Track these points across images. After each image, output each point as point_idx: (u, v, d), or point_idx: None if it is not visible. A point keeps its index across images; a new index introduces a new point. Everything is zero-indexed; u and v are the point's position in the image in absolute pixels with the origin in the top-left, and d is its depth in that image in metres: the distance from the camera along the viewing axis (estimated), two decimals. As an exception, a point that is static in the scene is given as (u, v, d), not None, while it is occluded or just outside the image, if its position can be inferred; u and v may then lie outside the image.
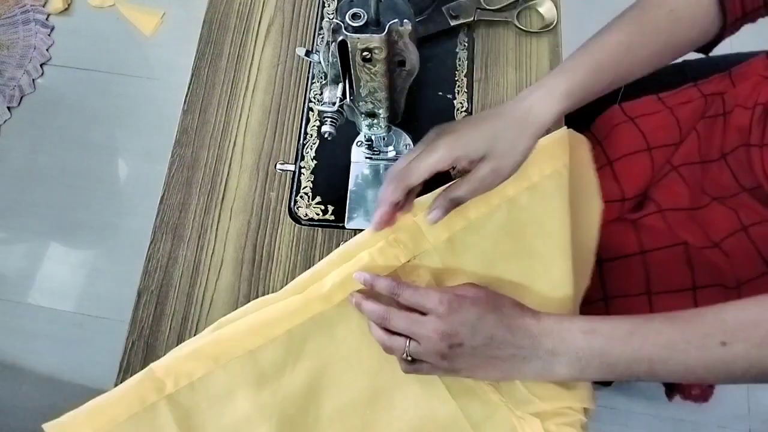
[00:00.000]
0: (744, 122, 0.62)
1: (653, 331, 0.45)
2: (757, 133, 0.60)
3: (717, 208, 0.64)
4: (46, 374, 1.37)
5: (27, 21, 1.68)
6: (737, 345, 0.43)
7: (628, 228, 0.67)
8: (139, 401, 0.52)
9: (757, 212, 0.60)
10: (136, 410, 0.52)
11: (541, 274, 0.57)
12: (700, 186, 0.66)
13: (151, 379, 0.52)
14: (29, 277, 1.47)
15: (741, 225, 0.61)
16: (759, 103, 0.61)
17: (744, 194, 0.61)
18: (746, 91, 0.64)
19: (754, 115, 0.61)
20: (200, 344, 0.54)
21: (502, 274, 0.57)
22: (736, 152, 0.62)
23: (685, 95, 0.71)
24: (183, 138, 0.70)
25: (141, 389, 0.52)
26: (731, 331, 0.43)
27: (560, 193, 0.58)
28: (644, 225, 0.66)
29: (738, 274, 0.62)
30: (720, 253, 0.62)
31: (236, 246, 0.65)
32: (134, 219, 1.50)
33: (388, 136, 0.62)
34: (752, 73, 0.67)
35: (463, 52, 0.72)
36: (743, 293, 0.62)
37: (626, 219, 0.68)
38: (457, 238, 0.57)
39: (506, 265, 0.57)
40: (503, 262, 0.57)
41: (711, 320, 0.44)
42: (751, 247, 0.61)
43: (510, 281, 0.56)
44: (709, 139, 0.66)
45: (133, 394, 0.52)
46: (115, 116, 1.61)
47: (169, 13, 1.70)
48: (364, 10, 0.44)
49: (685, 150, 0.68)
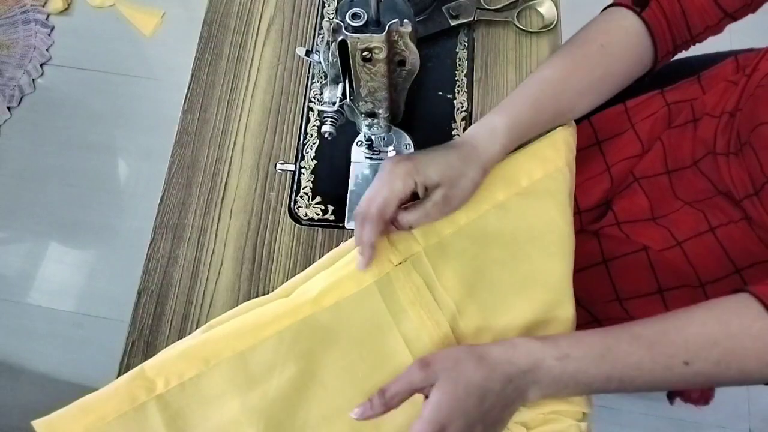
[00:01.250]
0: (709, 134, 0.63)
1: (623, 353, 0.47)
2: (722, 141, 0.61)
3: (686, 211, 0.64)
4: (46, 374, 1.37)
5: (27, 21, 1.68)
6: (698, 363, 0.45)
7: (589, 238, 0.68)
8: (129, 400, 0.52)
9: (726, 214, 0.61)
10: (126, 409, 0.51)
11: (537, 280, 0.56)
12: (667, 195, 0.66)
13: (142, 378, 0.52)
14: (29, 277, 1.47)
15: (709, 226, 0.62)
16: (725, 111, 0.61)
17: (718, 197, 0.62)
18: (714, 99, 0.65)
19: (720, 124, 0.62)
20: (191, 344, 0.54)
21: (494, 280, 0.56)
22: (705, 159, 0.63)
23: (649, 106, 0.71)
24: (183, 138, 0.70)
25: (131, 388, 0.52)
26: (693, 350, 0.45)
27: (553, 197, 0.58)
28: (604, 234, 0.68)
29: (700, 274, 0.63)
30: (680, 253, 0.63)
31: (236, 246, 0.65)
32: (134, 219, 1.50)
33: (388, 136, 0.62)
34: (721, 77, 0.67)
35: (463, 52, 0.72)
36: (709, 293, 0.63)
37: (587, 230, 0.69)
38: (447, 243, 0.57)
39: (499, 271, 0.56)
40: (495, 268, 0.56)
41: (675, 339, 0.46)
42: (718, 248, 0.62)
43: (502, 288, 0.56)
44: (678, 148, 0.67)
45: (123, 393, 0.52)
46: (115, 116, 1.61)
47: (169, 13, 1.70)
48: (364, 10, 0.44)
49: (649, 161, 0.68)
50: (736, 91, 0.62)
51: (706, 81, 0.69)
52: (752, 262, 0.60)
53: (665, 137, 0.68)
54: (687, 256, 0.63)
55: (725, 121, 0.61)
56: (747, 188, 0.57)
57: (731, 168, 0.59)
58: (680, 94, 0.70)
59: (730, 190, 0.60)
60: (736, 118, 0.60)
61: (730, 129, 0.60)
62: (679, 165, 0.66)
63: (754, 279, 0.60)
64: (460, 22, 0.72)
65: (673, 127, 0.68)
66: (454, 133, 0.68)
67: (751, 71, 0.61)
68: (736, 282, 0.61)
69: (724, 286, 0.62)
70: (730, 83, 0.64)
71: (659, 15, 0.58)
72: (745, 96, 0.60)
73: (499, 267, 0.57)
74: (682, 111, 0.68)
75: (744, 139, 0.57)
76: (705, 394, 1.13)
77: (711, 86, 0.68)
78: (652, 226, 0.66)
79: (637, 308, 0.66)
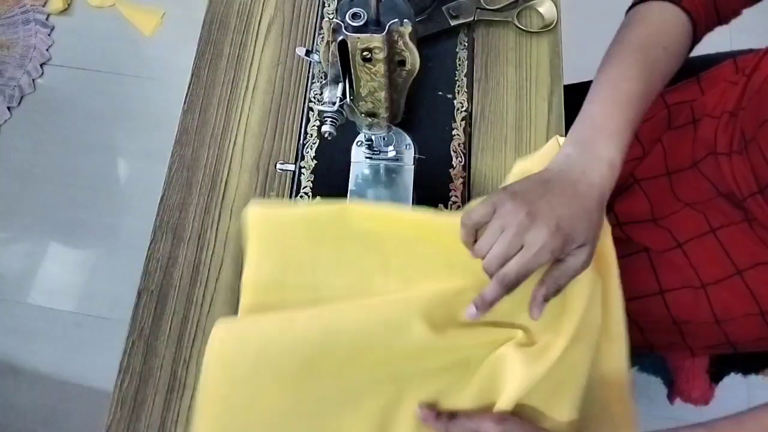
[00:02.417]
0: (709, 134, 0.63)
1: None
2: (723, 141, 0.60)
3: (687, 213, 0.64)
4: (46, 374, 1.37)
5: (27, 21, 1.68)
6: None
7: None
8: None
9: (727, 215, 0.61)
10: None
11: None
12: (667, 196, 0.66)
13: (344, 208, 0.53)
14: (29, 277, 1.47)
15: (710, 227, 0.62)
16: (725, 111, 0.61)
17: (719, 199, 0.62)
18: (714, 99, 0.65)
19: (720, 123, 0.61)
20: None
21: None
22: (705, 160, 0.63)
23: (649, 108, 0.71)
24: (183, 138, 0.70)
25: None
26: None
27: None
28: None
29: (702, 275, 0.62)
30: (681, 254, 0.63)
31: (236, 246, 0.65)
32: (134, 219, 1.50)
33: (388, 136, 0.62)
34: (720, 78, 0.67)
35: (463, 52, 0.72)
36: (710, 294, 0.63)
37: None
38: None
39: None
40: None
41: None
42: (719, 249, 0.62)
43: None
44: (678, 150, 0.67)
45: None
46: (115, 116, 1.61)
47: (169, 13, 1.70)
48: (364, 10, 0.44)
49: (649, 163, 0.68)
50: (736, 91, 0.62)
51: (706, 82, 0.69)
52: (754, 263, 0.60)
53: (665, 139, 0.68)
54: (688, 257, 0.63)
55: (726, 120, 0.61)
56: (751, 186, 0.57)
57: (733, 167, 0.59)
58: (680, 95, 0.70)
59: (732, 191, 0.59)
60: (738, 117, 0.60)
61: (732, 128, 0.60)
62: (680, 166, 0.66)
63: (756, 280, 0.60)
64: (460, 22, 0.72)
65: (673, 128, 0.68)
66: (454, 133, 0.68)
67: (751, 71, 0.61)
68: (738, 283, 0.61)
69: (725, 287, 0.62)
70: (730, 84, 0.64)
71: (697, 4, 0.57)
72: (747, 94, 0.60)
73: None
74: (682, 112, 0.68)
75: (749, 136, 0.57)
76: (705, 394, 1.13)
77: (710, 87, 0.68)
78: (653, 227, 0.66)
79: (638, 309, 0.66)
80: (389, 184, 0.64)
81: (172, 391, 0.60)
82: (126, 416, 0.59)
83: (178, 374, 0.60)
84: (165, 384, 0.60)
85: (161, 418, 0.59)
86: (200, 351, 0.61)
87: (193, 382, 0.60)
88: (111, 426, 0.59)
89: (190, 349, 0.61)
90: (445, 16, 0.72)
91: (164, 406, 0.59)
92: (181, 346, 0.61)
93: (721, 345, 0.66)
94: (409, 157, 0.65)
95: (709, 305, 0.63)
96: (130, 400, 0.60)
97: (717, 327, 0.64)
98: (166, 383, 0.60)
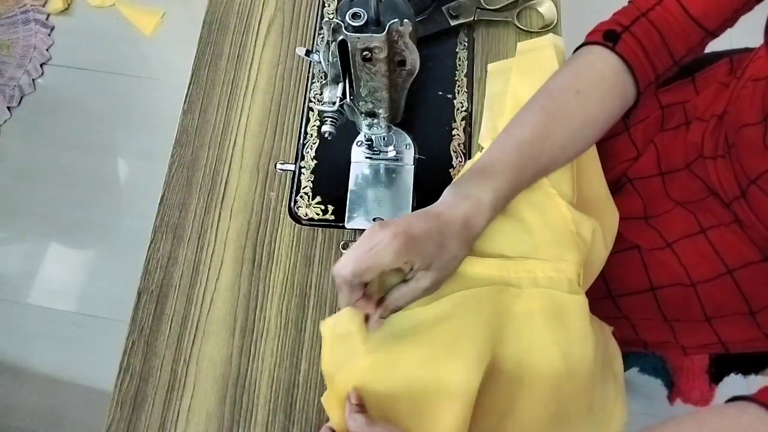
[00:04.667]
0: (698, 138, 0.63)
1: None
2: (710, 145, 0.61)
3: (679, 212, 0.64)
4: (46, 374, 1.37)
5: (27, 21, 1.68)
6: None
7: None
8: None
9: (717, 216, 0.61)
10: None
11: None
12: (660, 195, 0.67)
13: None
14: (29, 277, 1.47)
15: (699, 228, 0.63)
16: (714, 115, 0.61)
17: (710, 198, 0.62)
18: (706, 102, 0.65)
19: (708, 127, 0.61)
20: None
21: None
22: (697, 162, 0.63)
23: (643, 110, 0.71)
24: (183, 138, 0.70)
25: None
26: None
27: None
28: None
29: (692, 274, 0.63)
30: (671, 253, 0.63)
31: (236, 246, 0.65)
32: (134, 219, 1.50)
33: (388, 135, 0.62)
34: (714, 79, 0.67)
35: (463, 52, 0.72)
36: (700, 292, 0.63)
37: None
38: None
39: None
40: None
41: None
42: (709, 249, 0.62)
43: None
44: (671, 152, 0.67)
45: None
46: (115, 116, 1.61)
47: (169, 13, 1.70)
48: (364, 10, 0.44)
49: (643, 163, 0.68)
50: (726, 94, 0.62)
51: (700, 82, 0.69)
52: (744, 263, 0.60)
53: (658, 140, 0.68)
54: (678, 256, 0.63)
55: (714, 124, 0.61)
56: (735, 191, 0.57)
57: (719, 171, 0.59)
58: (674, 96, 0.70)
59: (719, 194, 0.60)
60: (724, 121, 0.60)
61: (718, 132, 0.60)
62: (673, 167, 0.66)
63: (746, 280, 0.60)
64: (460, 22, 0.72)
65: (666, 130, 0.68)
66: (454, 133, 0.68)
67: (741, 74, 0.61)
68: (728, 282, 0.61)
69: (716, 285, 0.62)
70: (722, 86, 0.65)
71: (634, 47, 0.55)
72: (732, 98, 0.60)
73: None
74: (675, 114, 0.68)
75: (731, 141, 0.57)
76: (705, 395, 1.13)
77: (704, 87, 0.68)
78: (644, 225, 0.66)
79: (629, 305, 0.66)
80: (389, 184, 0.64)
81: (172, 391, 0.60)
82: (126, 416, 0.59)
83: (178, 374, 0.60)
84: (165, 384, 0.60)
85: (161, 418, 0.59)
86: (200, 351, 0.61)
87: (193, 382, 0.60)
88: (111, 426, 0.59)
89: (190, 349, 0.61)
90: (445, 16, 0.72)
91: (164, 406, 0.60)
92: (181, 346, 0.61)
93: (712, 344, 0.66)
94: (409, 157, 0.65)
95: (700, 303, 0.63)
96: (129, 400, 0.60)
97: (708, 325, 0.64)
98: (166, 383, 0.60)
